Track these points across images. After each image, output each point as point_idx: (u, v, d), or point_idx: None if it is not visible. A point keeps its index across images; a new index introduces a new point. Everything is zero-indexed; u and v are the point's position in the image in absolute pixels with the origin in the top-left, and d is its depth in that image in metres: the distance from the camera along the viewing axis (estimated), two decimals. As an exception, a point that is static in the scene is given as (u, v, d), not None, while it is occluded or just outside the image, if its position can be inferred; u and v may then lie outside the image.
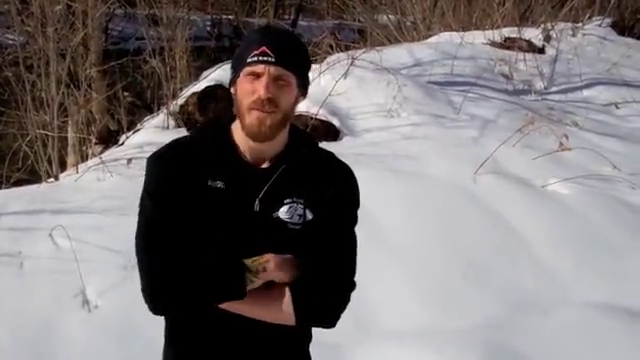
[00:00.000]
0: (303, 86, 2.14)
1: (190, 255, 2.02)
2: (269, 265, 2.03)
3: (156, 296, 2.05)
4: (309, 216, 2.11)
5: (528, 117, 6.78)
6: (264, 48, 2.02)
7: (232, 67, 2.13)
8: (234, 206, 2.08)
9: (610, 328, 4.43)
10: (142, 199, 2.12)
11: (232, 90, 2.12)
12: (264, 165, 2.12)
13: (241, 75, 2.07)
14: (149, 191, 2.11)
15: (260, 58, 2.02)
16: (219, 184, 2.08)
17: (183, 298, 2.04)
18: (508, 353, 4.16)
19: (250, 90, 2.04)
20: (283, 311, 2.05)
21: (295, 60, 2.07)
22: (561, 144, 6.26)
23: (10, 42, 9.58)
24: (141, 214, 2.11)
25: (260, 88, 2.02)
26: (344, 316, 2.16)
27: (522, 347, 4.21)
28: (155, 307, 2.06)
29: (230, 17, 20.25)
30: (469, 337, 4.26)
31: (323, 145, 2.26)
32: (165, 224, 2.05)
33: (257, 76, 2.03)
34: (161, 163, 2.13)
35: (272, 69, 2.02)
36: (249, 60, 2.04)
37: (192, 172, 2.08)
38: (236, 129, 2.13)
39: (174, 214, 2.05)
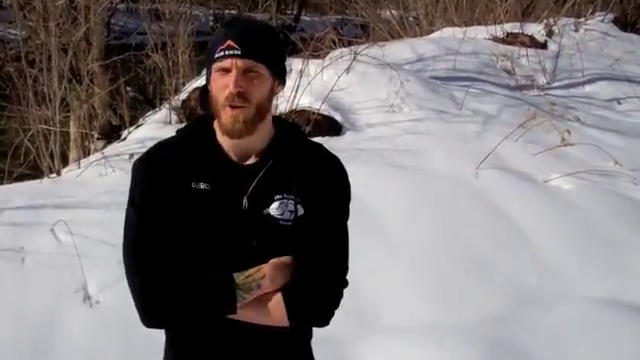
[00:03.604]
0: (279, 75, 2.09)
1: (179, 270, 2.01)
2: (264, 282, 2.01)
3: (147, 313, 2.04)
4: (300, 211, 2.08)
5: (530, 112, 6.78)
6: (229, 42, 1.99)
7: (206, 65, 2.10)
8: (221, 206, 2.05)
9: (613, 323, 4.42)
10: (127, 209, 2.09)
11: (209, 88, 2.08)
12: (249, 161, 2.09)
13: (212, 72, 2.04)
14: (134, 201, 2.08)
15: (226, 52, 1.99)
16: (203, 185, 2.05)
17: (174, 315, 2.03)
18: (510, 348, 4.15)
19: (222, 86, 2.01)
20: (276, 314, 2.04)
21: (263, 50, 2.02)
22: (563, 139, 6.26)
23: (12, 37, 9.59)
24: (127, 226, 2.08)
25: (229, 83, 1.99)
26: (345, 311, 2.15)
27: (524, 342, 4.20)
28: (147, 323, 2.06)
29: (233, 12, 20.22)
30: (471, 332, 4.26)
31: (325, 140, 2.24)
32: (151, 239, 2.02)
33: (226, 71, 2.00)
34: (143, 171, 2.10)
35: (239, 62, 1.99)
36: (216, 56, 2.01)
37: (176, 176, 2.05)
38: (218, 127, 2.09)
39: (160, 225, 2.02)
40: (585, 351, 4.14)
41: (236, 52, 1.99)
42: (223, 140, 2.09)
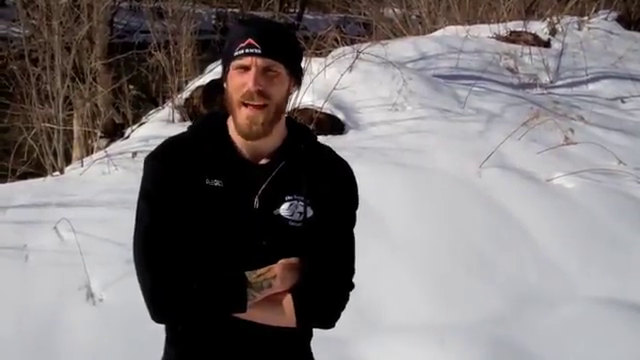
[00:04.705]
0: (295, 76, 2.10)
1: (190, 266, 2.01)
2: (275, 282, 2.02)
3: (157, 308, 2.04)
4: (309, 213, 2.09)
5: (533, 111, 6.78)
6: (250, 40, 1.99)
7: (222, 63, 2.10)
8: (233, 204, 2.05)
9: (615, 322, 4.42)
10: (139, 204, 2.09)
11: (224, 86, 2.09)
12: (262, 161, 2.10)
13: (230, 69, 2.04)
14: (145, 196, 2.08)
15: (246, 50, 1.99)
16: (217, 182, 2.05)
17: (184, 310, 2.03)
18: (512, 348, 4.16)
19: (239, 84, 2.01)
20: (284, 315, 2.05)
21: (282, 50, 2.03)
22: (566, 138, 6.26)
23: (15, 35, 9.58)
24: (138, 221, 2.08)
25: (248, 81, 1.99)
26: (347, 310, 2.16)
27: (526, 341, 4.21)
28: (157, 318, 2.06)
29: (236, 10, 20.20)
30: (473, 331, 4.26)
31: (328, 139, 2.25)
32: (163, 233, 2.02)
33: (245, 69, 2.00)
34: (156, 165, 2.09)
35: (259, 61, 1.99)
36: (236, 54, 2.01)
37: (189, 172, 2.06)
38: (232, 125, 2.10)
39: (172, 221, 2.03)
40: (586, 350, 4.14)
41: (257, 50, 1.99)
42: (237, 138, 2.09)
